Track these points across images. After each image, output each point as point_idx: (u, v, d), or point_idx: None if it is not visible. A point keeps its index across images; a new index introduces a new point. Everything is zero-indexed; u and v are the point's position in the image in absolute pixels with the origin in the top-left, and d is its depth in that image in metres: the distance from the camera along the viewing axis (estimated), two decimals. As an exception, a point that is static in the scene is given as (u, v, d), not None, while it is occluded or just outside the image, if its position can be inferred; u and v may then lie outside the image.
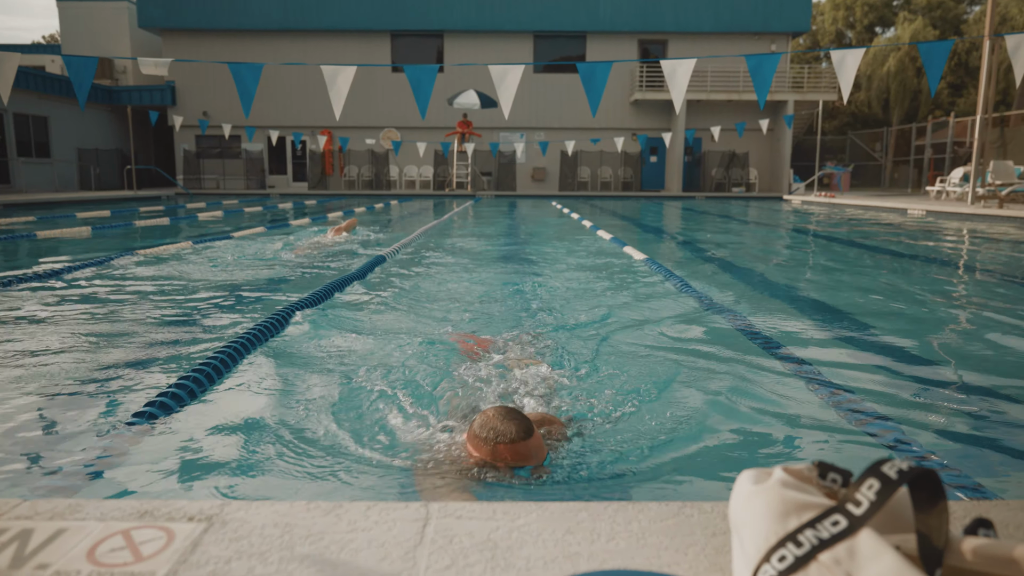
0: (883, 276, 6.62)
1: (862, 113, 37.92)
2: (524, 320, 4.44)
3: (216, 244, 8.73)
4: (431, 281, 6.05)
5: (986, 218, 13.59)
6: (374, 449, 2.29)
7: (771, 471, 0.85)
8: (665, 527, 1.00)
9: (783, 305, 5.08)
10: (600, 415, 2.61)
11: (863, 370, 3.30)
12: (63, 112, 23.67)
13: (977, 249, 9.38)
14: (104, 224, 11.86)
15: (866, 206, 17.98)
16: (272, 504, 1.06)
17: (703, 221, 14.39)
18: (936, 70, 5.39)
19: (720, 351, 3.58)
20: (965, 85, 37.72)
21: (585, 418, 2.56)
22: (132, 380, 3.09)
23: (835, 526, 0.75)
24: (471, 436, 1.98)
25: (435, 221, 13.15)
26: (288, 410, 2.67)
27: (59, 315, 4.48)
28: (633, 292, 5.48)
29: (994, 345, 3.89)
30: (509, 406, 2.05)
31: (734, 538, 0.84)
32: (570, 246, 9.02)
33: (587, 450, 2.27)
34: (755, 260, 8.06)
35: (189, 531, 0.98)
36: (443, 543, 0.95)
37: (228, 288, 5.69)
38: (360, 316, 4.50)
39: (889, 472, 0.76)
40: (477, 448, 1.94)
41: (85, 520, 1.00)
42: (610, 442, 2.33)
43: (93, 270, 6.37)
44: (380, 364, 3.35)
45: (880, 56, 34.84)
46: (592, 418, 2.58)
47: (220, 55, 25.57)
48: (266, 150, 27.17)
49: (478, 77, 24.97)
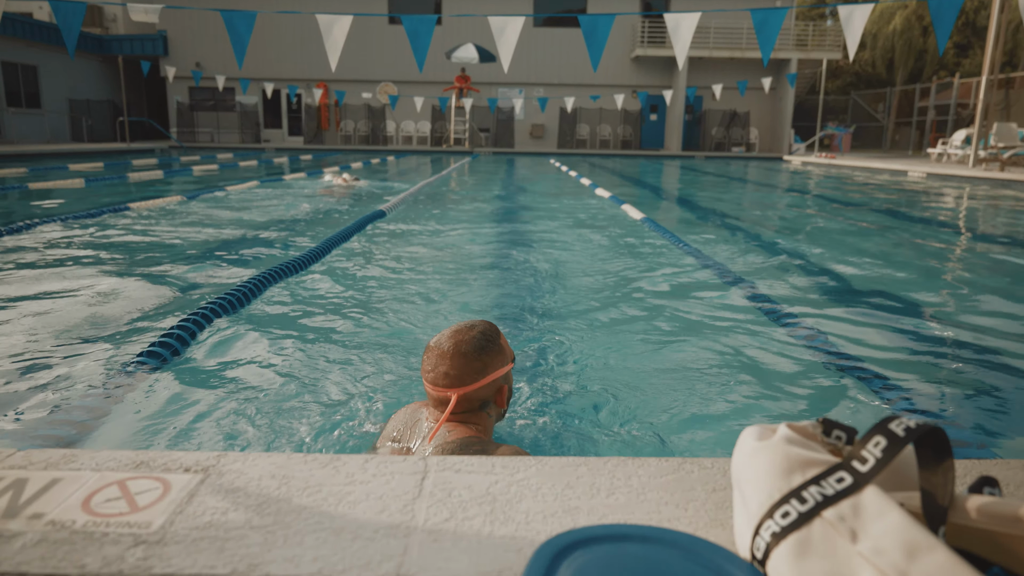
0: (881, 238, 6.60)
1: (865, 73, 37.34)
2: (522, 280, 4.43)
3: (215, 194, 8.64)
4: (426, 238, 6.01)
5: (987, 181, 13.51)
6: (373, 402, 2.29)
7: (775, 427, 0.84)
8: (665, 482, 0.99)
9: (781, 265, 5.06)
10: (598, 372, 2.61)
11: (862, 329, 3.30)
12: (53, 61, 23.18)
13: (977, 212, 9.34)
14: (98, 176, 11.72)
15: (867, 168, 17.85)
16: (269, 456, 1.05)
17: (702, 181, 14.28)
18: (945, 27, 5.27)
19: (719, 311, 3.57)
20: (971, 45, 37.08)
21: (583, 374, 2.57)
22: (127, 330, 3.07)
23: (840, 483, 0.74)
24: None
25: (432, 177, 13.02)
26: (286, 362, 2.66)
27: (53, 266, 4.44)
28: (631, 251, 5.45)
29: (994, 307, 3.89)
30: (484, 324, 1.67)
31: (736, 494, 0.84)
32: (568, 204, 8.95)
33: (586, 406, 2.27)
34: (753, 221, 8.02)
35: (185, 482, 0.97)
36: (442, 496, 0.94)
37: (226, 239, 5.65)
38: (358, 271, 4.48)
39: (896, 429, 0.75)
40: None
41: (80, 470, 0.99)
42: (608, 399, 2.33)
43: (86, 221, 6.31)
44: (378, 318, 3.34)
45: (886, 14, 34.16)
46: (589, 375, 2.58)
47: (213, 3, 24.93)
48: (261, 103, 26.73)
49: (476, 30, 24.45)
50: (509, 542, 0.84)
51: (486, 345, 1.61)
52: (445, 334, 1.62)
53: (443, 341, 1.60)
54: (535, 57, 25.92)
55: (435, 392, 1.59)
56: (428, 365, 1.60)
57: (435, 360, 1.58)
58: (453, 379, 1.57)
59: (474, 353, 1.58)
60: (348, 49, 24.14)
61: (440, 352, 1.58)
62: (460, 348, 1.58)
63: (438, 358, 1.58)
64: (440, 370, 1.57)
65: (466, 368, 1.57)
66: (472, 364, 1.57)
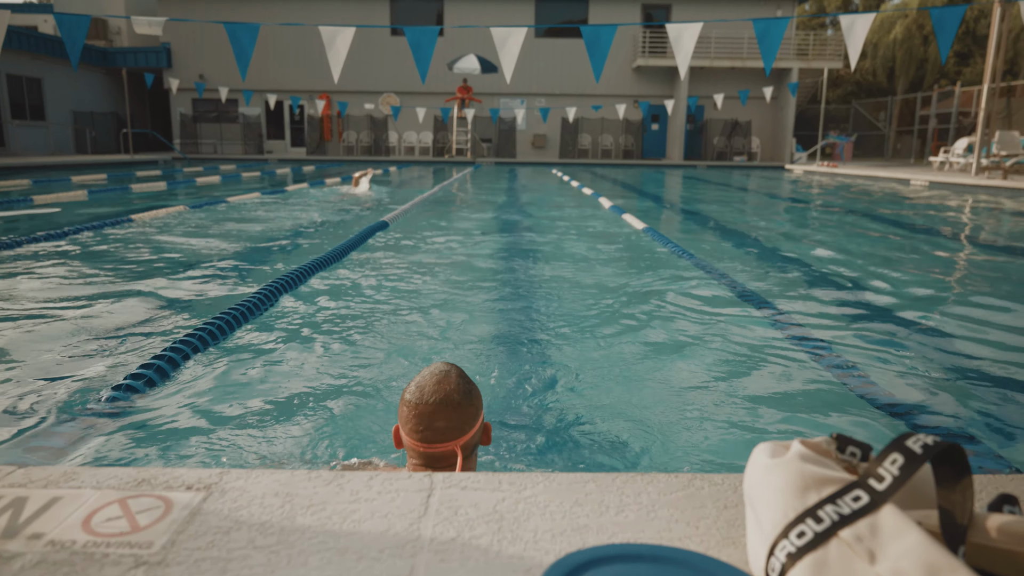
0: (888, 249, 6.58)
1: (866, 82, 37.42)
2: (525, 292, 4.41)
3: (218, 206, 8.66)
4: (428, 250, 6.00)
5: (990, 189, 13.49)
6: (377, 419, 2.28)
7: (788, 444, 0.82)
8: (675, 499, 0.97)
9: (789, 277, 5.04)
10: (604, 386, 2.59)
11: (873, 342, 3.28)
12: (57, 74, 23.31)
13: (982, 221, 9.32)
14: (100, 188, 11.75)
15: (869, 176, 17.84)
16: (273, 473, 1.03)
17: (705, 190, 14.28)
18: (947, 37, 5.27)
19: (726, 323, 3.55)
20: (972, 54, 37.16)
21: (589, 389, 2.55)
22: (130, 343, 3.06)
23: (856, 502, 0.72)
24: (400, 403, 1.54)
25: (434, 188, 13.04)
26: (290, 377, 2.65)
27: (55, 279, 4.44)
28: (633, 262, 5.44)
29: (1006, 319, 3.86)
30: (451, 366, 1.56)
31: (748, 513, 0.82)
32: (570, 214, 8.95)
33: (594, 420, 2.25)
34: (757, 231, 8.01)
35: (187, 500, 0.95)
36: (448, 514, 0.93)
37: (229, 251, 5.65)
38: (361, 285, 4.47)
39: (914, 447, 0.73)
40: (400, 418, 1.53)
41: (81, 488, 0.98)
42: (617, 414, 2.31)
43: (89, 234, 6.32)
44: (381, 334, 3.33)
45: (887, 23, 34.26)
46: (596, 389, 2.56)
47: (216, 15, 25.09)
48: (264, 114, 26.84)
49: (478, 41, 24.56)
50: (517, 562, 0.83)
51: (471, 388, 1.51)
52: (425, 388, 1.47)
53: (427, 395, 1.46)
54: (537, 68, 26.02)
55: (428, 450, 1.44)
56: (415, 424, 1.45)
57: (426, 417, 1.45)
58: (451, 431, 1.45)
59: (465, 400, 1.48)
60: (351, 60, 24.25)
61: (428, 408, 1.45)
62: (451, 398, 1.46)
63: (429, 415, 1.44)
64: (436, 426, 1.44)
65: (462, 417, 1.46)
66: (467, 411, 1.47)
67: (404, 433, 1.47)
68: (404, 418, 1.47)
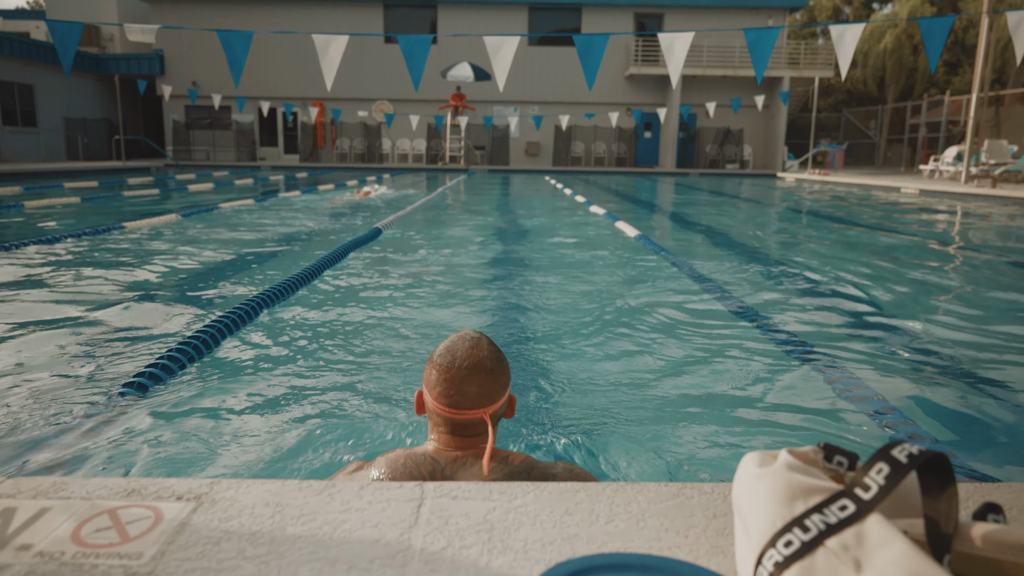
0: (877, 256, 6.62)
1: (857, 91, 37.73)
2: (518, 301, 4.42)
3: (211, 213, 8.64)
4: (422, 257, 6.01)
5: (980, 197, 13.61)
6: (368, 427, 2.27)
7: (776, 453, 0.83)
8: (665, 508, 0.98)
9: (780, 285, 5.07)
10: (594, 395, 2.60)
11: (861, 350, 3.30)
12: (49, 80, 23.24)
13: (971, 229, 9.39)
14: (93, 195, 11.71)
15: (860, 184, 17.96)
16: (263, 483, 1.03)
17: (697, 198, 14.34)
18: (936, 47, 5.33)
19: (716, 332, 3.57)
20: (961, 63, 37.53)
21: (579, 397, 2.55)
22: (120, 353, 3.05)
23: (843, 511, 0.73)
24: (426, 366, 1.48)
25: (428, 195, 13.05)
26: (281, 387, 2.64)
27: (45, 287, 4.42)
28: (626, 270, 5.46)
29: (993, 327, 3.89)
30: (480, 334, 1.50)
31: (737, 522, 0.82)
32: (563, 222, 8.97)
33: (584, 429, 2.26)
34: (749, 239, 8.04)
35: (178, 510, 0.95)
36: (439, 524, 0.93)
37: (221, 259, 5.63)
38: (355, 292, 4.47)
39: (899, 456, 0.74)
40: (426, 382, 1.45)
41: (70, 499, 0.97)
42: (607, 423, 2.32)
43: (79, 241, 6.29)
44: (373, 342, 3.33)
45: (877, 33, 34.58)
46: (586, 397, 2.56)
47: (209, 23, 25.08)
48: (257, 121, 26.82)
49: (472, 49, 24.64)
50: (507, 572, 0.83)
51: (502, 356, 1.46)
52: (458, 352, 1.42)
53: (459, 360, 1.41)
54: (530, 75, 26.11)
55: (457, 416, 1.39)
56: (445, 388, 1.40)
57: (457, 381, 1.39)
58: (481, 398, 1.40)
59: (498, 367, 1.43)
60: (344, 68, 24.27)
61: (460, 372, 1.40)
62: (484, 364, 1.41)
63: (461, 379, 1.39)
64: (468, 391, 1.39)
65: (493, 384, 1.42)
66: (498, 379, 1.42)
67: (431, 398, 1.41)
68: (432, 382, 1.41)
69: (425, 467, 1.38)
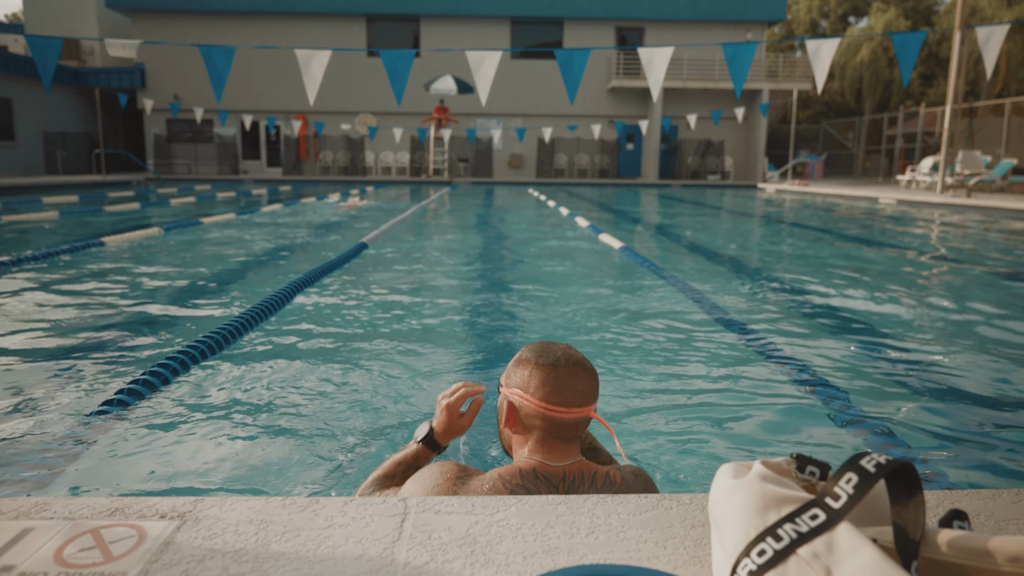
0: (855, 265, 6.72)
1: (835, 102, 38.33)
2: (502, 312, 4.43)
3: (192, 227, 8.59)
4: (407, 271, 6.01)
5: (955, 207, 13.85)
6: (351, 444, 2.27)
7: (750, 465, 0.85)
8: (644, 520, 1.00)
9: (758, 295, 5.13)
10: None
11: (837, 358, 3.35)
12: (28, 94, 23.02)
13: (946, 237, 9.56)
14: (72, 209, 11.59)
15: (839, 195, 18.22)
16: (247, 500, 1.04)
17: (680, 209, 14.47)
18: (909, 61, 5.45)
19: (697, 342, 3.61)
20: (935, 75, 38.28)
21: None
22: (102, 370, 3.03)
23: (814, 520, 0.75)
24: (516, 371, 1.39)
25: (412, 208, 13.06)
26: (263, 404, 2.64)
27: (23, 305, 4.37)
28: (607, 281, 5.50)
29: (966, 336, 3.96)
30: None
31: (714, 532, 0.84)
32: (546, 234, 9.01)
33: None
34: (730, 249, 8.13)
35: (161, 529, 0.95)
36: (422, 538, 0.94)
37: (203, 274, 5.60)
38: (340, 308, 4.46)
39: (867, 466, 0.76)
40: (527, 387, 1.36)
41: (52, 519, 0.98)
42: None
43: (57, 257, 6.23)
44: (358, 359, 3.33)
45: (854, 46, 35.20)
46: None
47: (191, 37, 25.02)
48: (239, 135, 26.73)
49: (455, 62, 24.76)
50: (489, 585, 0.84)
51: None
52: (558, 352, 1.38)
53: (562, 359, 1.36)
54: (513, 88, 26.27)
55: (569, 415, 1.32)
56: (555, 386, 1.33)
57: (566, 378, 1.34)
58: (588, 395, 1.35)
59: (593, 367, 1.40)
60: (327, 81, 24.28)
61: (567, 370, 1.34)
62: (585, 363, 1.38)
63: (567, 376, 1.34)
64: (578, 388, 1.34)
65: (594, 383, 1.38)
66: (596, 377, 1.39)
67: (536, 399, 1.33)
68: (537, 383, 1.33)
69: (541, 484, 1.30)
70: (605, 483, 1.33)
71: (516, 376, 1.37)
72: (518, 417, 1.35)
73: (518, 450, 1.38)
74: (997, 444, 2.34)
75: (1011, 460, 2.22)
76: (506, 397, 1.38)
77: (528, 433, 1.35)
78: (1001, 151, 20.17)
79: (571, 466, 1.33)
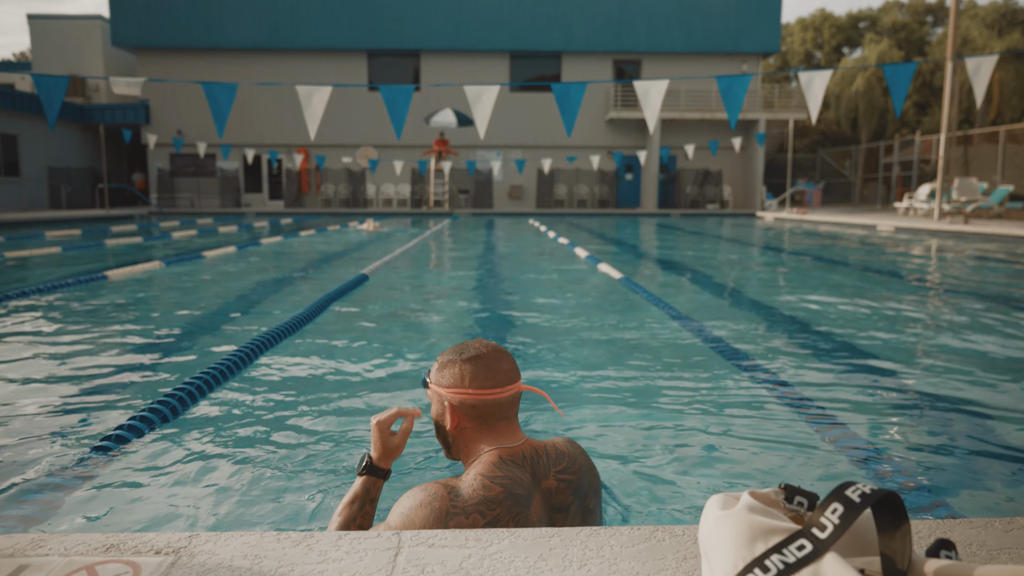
0: (854, 293, 6.73)
1: (831, 131, 38.72)
2: (502, 343, 4.44)
3: (194, 261, 8.64)
4: (407, 303, 6.03)
5: (952, 234, 13.91)
6: (346, 479, 2.27)
7: (739, 496, 0.86)
8: (637, 552, 1.00)
9: (755, 324, 5.14)
10: (573, 437, 2.61)
11: (832, 389, 3.35)
12: (33, 130, 23.31)
13: (944, 264, 9.59)
14: (75, 244, 11.67)
15: (837, 222, 18.31)
16: (242, 535, 1.04)
17: (679, 238, 14.54)
18: (901, 91, 5.54)
19: (690, 373, 3.61)
20: (930, 104, 38.73)
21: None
22: (99, 406, 3.03)
23: (800, 550, 0.76)
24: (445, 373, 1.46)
25: (414, 240, 13.13)
26: (259, 439, 2.63)
27: (23, 340, 4.39)
28: (607, 312, 5.51)
29: (957, 362, 3.96)
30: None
31: (704, 564, 0.85)
32: (546, 265, 9.05)
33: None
34: (730, 278, 8.16)
35: (156, 565, 0.96)
36: (415, 572, 0.95)
37: (203, 308, 5.62)
38: (339, 341, 4.47)
39: (852, 496, 0.77)
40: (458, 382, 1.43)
41: (48, 555, 0.98)
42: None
43: (57, 292, 6.26)
44: (356, 390, 3.33)
45: (848, 76, 35.67)
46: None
47: (194, 74, 25.40)
48: (242, 168, 26.99)
49: (455, 95, 25.09)
50: (481, 619, 0.84)
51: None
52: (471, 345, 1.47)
53: (479, 348, 1.45)
54: (512, 120, 26.58)
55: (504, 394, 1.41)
56: (486, 372, 1.41)
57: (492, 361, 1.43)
58: (514, 372, 1.46)
59: (507, 350, 1.50)
60: (328, 115, 24.61)
61: (487, 357, 1.43)
62: (500, 347, 1.48)
63: (491, 360, 1.43)
64: (504, 368, 1.44)
65: (514, 362, 1.48)
66: (513, 357, 1.49)
67: (473, 390, 1.40)
68: (471, 375, 1.41)
69: (514, 468, 1.35)
70: (557, 454, 1.42)
71: (446, 377, 1.44)
72: (461, 413, 1.42)
73: (472, 447, 1.43)
74: (990, 472, 2.33)
75: (1004, 489, 2.21)
76: (443, 400, 1.44)
77: (475, 424, 1.42)
78: (997, 178, 20.33)
79: (524, 445, 1.42)
